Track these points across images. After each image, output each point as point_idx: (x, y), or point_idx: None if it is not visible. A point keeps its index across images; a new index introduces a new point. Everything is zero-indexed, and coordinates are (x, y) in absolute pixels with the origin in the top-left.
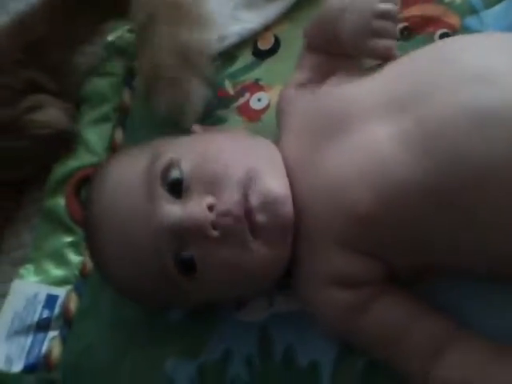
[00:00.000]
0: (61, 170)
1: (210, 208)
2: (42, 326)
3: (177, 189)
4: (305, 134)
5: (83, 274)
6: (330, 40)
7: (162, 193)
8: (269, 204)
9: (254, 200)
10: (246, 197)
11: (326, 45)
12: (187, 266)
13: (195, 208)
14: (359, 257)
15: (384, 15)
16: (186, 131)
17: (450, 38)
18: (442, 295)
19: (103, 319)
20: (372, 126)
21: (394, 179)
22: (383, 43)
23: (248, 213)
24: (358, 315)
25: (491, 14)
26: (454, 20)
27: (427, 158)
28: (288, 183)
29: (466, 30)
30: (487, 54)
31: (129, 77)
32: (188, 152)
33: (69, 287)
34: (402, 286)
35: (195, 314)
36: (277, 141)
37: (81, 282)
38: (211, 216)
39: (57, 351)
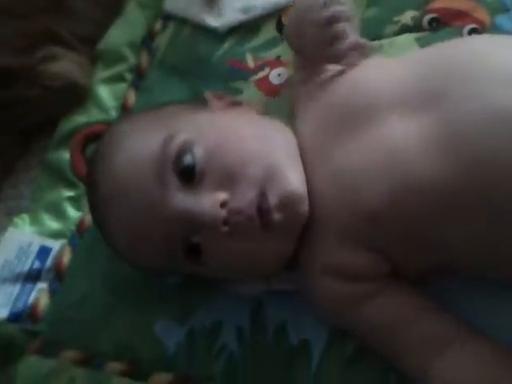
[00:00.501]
0: (68, 123)
1: (223, 204)
2: (32, 277)
3: (189, 175)
4: (323, 121)
5: (80, 229)
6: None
7: (173, 179)
8: (288, 203)
9: (273, 199)
10: (263, 195)
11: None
12: (194, 252)
13: (208, 203)
14: (363, 251)
15: (333, 20)
16: (202, 100)
17: (479, 36)
18: (447, 295)
19: (96, 275)
20: (392, 122)
21: (411, 178)
22: (346, 44)
23: (266, 211)
24: (359, 307)
25: None
26: (484, 16)
27: (449, 158)
28: (304, 177)
29: (496, 27)
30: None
31: (148, 39)
32: (204, 135)
33: (64, 241)
34: (409, 284)
35: (191, 280)
36: (292, 121)
37: (77, 237)
38: (223, 213)
39: (43, 303)
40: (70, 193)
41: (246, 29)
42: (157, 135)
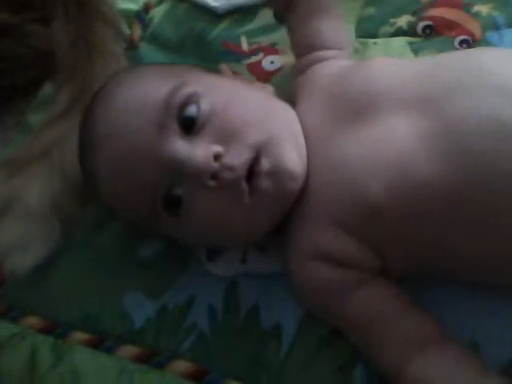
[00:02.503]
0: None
1: (216, 157)
2: None
3: (189, 125)
4: (329, 111)
5: None
6: None
7: (174, 125)
8: (278, 174)
9: (266, 165)
10: (256, 159)
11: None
12: (173, 204)
13: (201, 153)
14: (355, 242)
15: None
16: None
17: (486, 48)
18: (430, 294)
19: (68, 241)
20: (397, 120)
21: (409, 176)
22: None
23: (255, 174)
24: (343, 295)
25: (510, 33)
26: (476, 30)
27: (447, 161)
28: (305, 159)
29: (485, 42)
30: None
31: (143, 13)
32: (213, 90)
33: None
34: (397, 282)
35: (166, 255)
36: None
37: None
38: (215, 166)
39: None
40: None
41: (244, 12)
42: (168, 81)
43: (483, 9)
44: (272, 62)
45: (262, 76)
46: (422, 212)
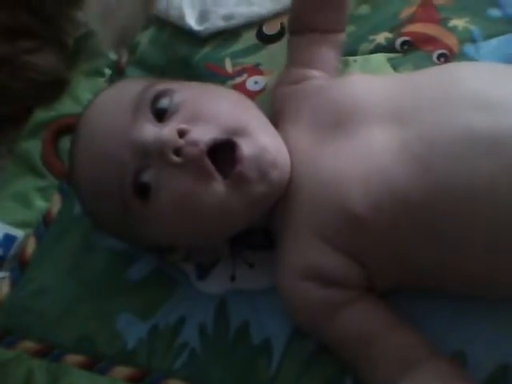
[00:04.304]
0: (43, 114)
1: (181, 134)
2: None
3: (161, 114)
4: (310, 122)
5: (46, 220)
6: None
7: (147, 114)
8: (261, 160)
9: (246, 149)
10: (235, 144)
11: (309, 13)
12: (142, 189)
13: (166, 131)
14: (340, 256)
15: None
16: None
17: (462, 63)
18: (415, 304)
19: (60, 266)
20: (376, 132)
21: (386, 187)
22: None
23: (237, 159)
24: (332, 314)
25: (487, 46)
26: (453, 44)
27: (421, 172)
28: (289, 163)
29: (462, 55)
30: (491, 82)
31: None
32: (186, 86)
33: (29, 231)
34: (382, 298)
35: (155, 276)
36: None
37: (42, 227)
38: (179, 141)
39: (4, 292)
40: (38, 183)
41: (227, 34)
42: (140, 84)
43: (459, 23)
44: (256, 83)
45: (247, 96)
46: (401, 223)
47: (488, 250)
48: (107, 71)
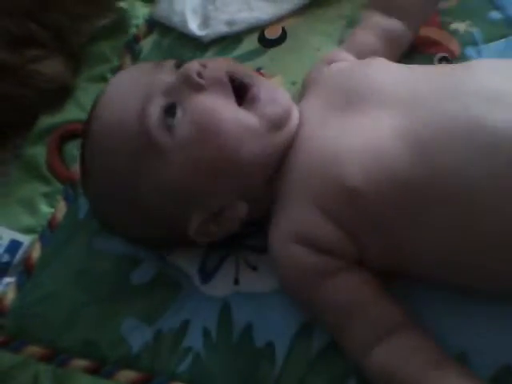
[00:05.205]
0: (48, 120)
1: (203, 65)
2: (0, 271)
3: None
4: (326, 96)
5: (52, 226)
6: None
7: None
8: (273, 101)
9: (262, 94)
10: (248, 87)
11: None
12: (168, 111)
13: (189, 64)
14: (332, 226)
15: None
16: None
17: (479, 60)
18: (418, 302)
19: (65, 271)
20: (382, 115)
21: (385, 164)
22: None
23: (250, 87)
24: (320, 281)
25: (488, 48)
26: (454, 47)
27: (422, 159)
28: (296, 110)
29: (464, 57)
30: (503, 76)
31: (133, 43)
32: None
33: (34, 236)
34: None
35: (159, 280)
36: None
37: (48, 233)
38: (202, 68)
39: (10, 297)
40: (44, 189)
41: (229, 39)
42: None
43: (461, 26)
44: None
45: None
46: (395, 201)
47: (479, 240)
48: (110, 76)
